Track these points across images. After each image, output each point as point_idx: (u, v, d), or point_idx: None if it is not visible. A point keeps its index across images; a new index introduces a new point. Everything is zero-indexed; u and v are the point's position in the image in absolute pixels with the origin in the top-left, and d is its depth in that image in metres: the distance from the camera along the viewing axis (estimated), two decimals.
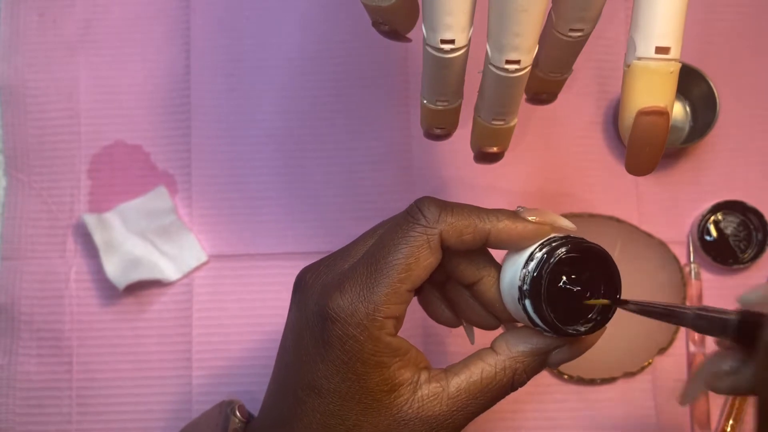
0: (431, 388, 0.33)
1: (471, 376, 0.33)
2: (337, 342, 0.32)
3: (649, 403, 0.51)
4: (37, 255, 0.53)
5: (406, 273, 0.32)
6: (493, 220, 0.33)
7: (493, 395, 0.33)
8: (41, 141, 0.55)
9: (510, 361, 0.33)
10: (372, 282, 0.32)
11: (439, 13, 0.31)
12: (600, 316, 0.32)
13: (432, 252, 0.33)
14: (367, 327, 0.32)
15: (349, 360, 0.32)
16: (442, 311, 0.38)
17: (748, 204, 0.52)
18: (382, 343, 0.32)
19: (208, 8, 0.56)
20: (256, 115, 0.55)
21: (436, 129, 0.39)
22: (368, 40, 0.55)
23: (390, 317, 0.32)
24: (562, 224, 0.34)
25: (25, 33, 0.56)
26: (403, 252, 0.32)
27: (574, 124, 0.55)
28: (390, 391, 0.33)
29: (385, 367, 0.32)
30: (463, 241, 0.33)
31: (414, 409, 0.33)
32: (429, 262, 0.33)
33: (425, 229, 0.33)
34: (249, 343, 0.52)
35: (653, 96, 0.31)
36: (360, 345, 0.32)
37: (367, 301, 0.32)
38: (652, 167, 0.33)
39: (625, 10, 0.56)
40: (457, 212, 0.33)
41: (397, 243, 0.33)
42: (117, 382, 0.52)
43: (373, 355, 0.32)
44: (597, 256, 0.32)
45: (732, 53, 0.55)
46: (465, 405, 0.33)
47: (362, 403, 0.33)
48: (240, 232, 0.53)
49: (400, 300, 0.32)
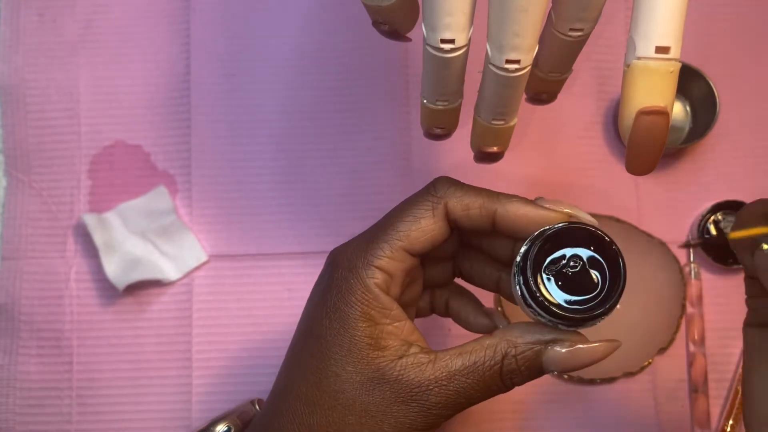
0: (419, 357, 0.33)
1: (461, 352, 0.33)
2: (333, 284, 0.34)
3: (649, 403, 0.51)
4: (37, 255, 0.53)
5: (404, 231, 0.34)
6: (504, 200, 0.34)
7: (479, 377, 0.32)
8: (41, 141, 0.55)
9: (502, 343, 0.33)
10: (374, 236, 0.34)
11: (439, 13, 0.31)
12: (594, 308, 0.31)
13: (434, 219, 0.34)
14: (357, 270, 0.33)
15: (338, 301, 0.33)
16: (474, 319, 0.39)
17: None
18: (370, 291, 0.33)
19: (208, 8, 0.56)
20: (256, 115, 0.55)
21: (436, 129, 0.39)
22: (368, 40, 0.55)
23: (381, 269, 0.33)
24: (579, 215, 0.33)
25: (25, 33, 0.56)
26: (406, 213, 0.34)
27: (574, 124, 0.55)
28: (374, 347, 0.33)
29: (372, 320, 0.33)
30: (470, 216, 0.34)
31: (396, 371, 0.33)
32: (430, 228, 0.34)
33: (432, 198, 0.34)
34: (249, 343, 0.52)
35: (653, 96, 0.31)
36: (350, 287, 0.33)
37: (364, 251, 0.34)
38: (652, 167, 0.33)
39: (625, 10, 0.56)
40: (467, 188, 0.34)
41: (404, 208, 0.34)
42: (117, 382, 0.52)
43: (360, 301, 0.33)
44: (598, 244, 0.32)
45: (732, 53, 0.55)
46: (448, 379, 0.32)
47: (343, 348, 0.33)
48: (240, 232, 0.53)
49: (394, 256, 0.33)
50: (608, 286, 0.32)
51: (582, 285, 0.32)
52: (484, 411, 0.51)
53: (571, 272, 0.32)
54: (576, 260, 0.32)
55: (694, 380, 0.51)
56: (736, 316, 0.52)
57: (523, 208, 0.33)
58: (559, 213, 0.33)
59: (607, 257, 0.32)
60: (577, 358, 0.32)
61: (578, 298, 0.31)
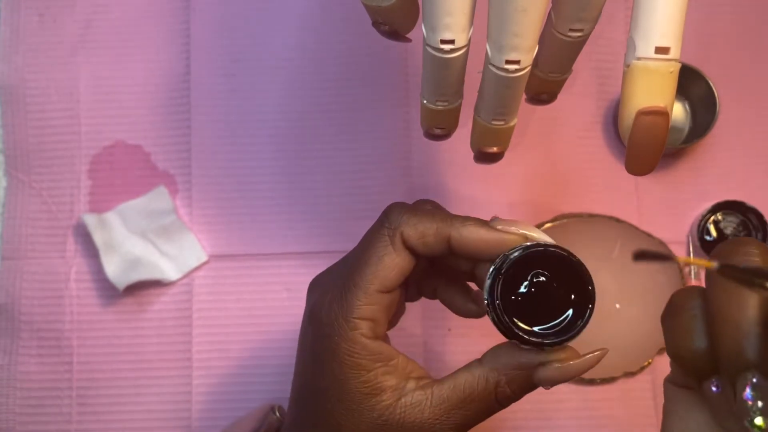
0: (416, 395, 0.33)
1: (455, 385, 0.33)
2: (318, 342, 0.34)
3: (649, 403, 0.51)
4: (37, 255, 0.53)
5: (373, 275, 0.33)
6: (457, 225, 0.33)
7: (476, 407, 0.33)
8: (41, 141, 0.55)
9: (492, 373, 0.33)
10: (345, 286, 0.34)
11: (439, 13, 0.31)
12: (568, 327, 0.31)
13: (397, 253, 0.33)
14: (340, 327, 0.33)
15: (327, 359, 0.33)
16: (463, 304, 0.39)
17: (748, 204, 0.52)
18: (357, 344, 0.33)
19: (208, 8, 0.56)
20: (256, 115, 0.55)
21: (436, 129, 0.39)
22: (368, 40, 0.55)
23: (363, 318, 0.33)
24: (534, 236, 0.33)
25: (25, 33, 0.56)
26: (370, 254, 0.34)
27: (574, 124, 0.55)
28: (371, 394, 0.33)
29: (365, 369, 0.33)
30: (426, 243, 0.33)
31: (396, 414, 0.33)
32: (395, 263, 0.33)
33: (387, 230, 0.34)
34: (249, 343, 0.52)
35: (653, 96, 0.31)
36: (336, 345, 0.33)
37: (339, 304, 0.33)
38: (652, 167, 0.33)
39: (625, 10, 0.56)
40: (421, 215, 0.34)
41: (366, 248, 0.34)
42: (117, 382, 0.52)
43: (348, 355, 0.33)
44: (562, 260, 0.31)
45: (732, 53, 0.55)
46: (447, 414, 0.33)
47: (343, 403, 0.33)
48: (240, 232, 0.53)
49: (371, 301, 0.33)
50: (580, 300, 0.31)
51: (554, 305, 0.31)
52: None
53: (540, 296, 0.31)
54: (543, 282, 0.31)
55: None
56: None
57: (477, 232, 0.33)
58: (514, 235, 0.33)
59: (573, 272, 0.31)
60: (568, 372, 0.32)
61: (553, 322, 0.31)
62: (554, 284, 0.31)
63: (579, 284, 0.31)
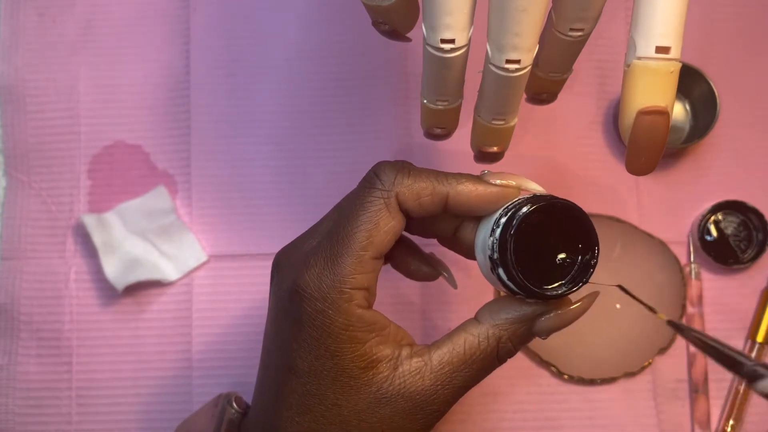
0: (413, 363, 0.32)
1: (454, 347, 0.32)
2: (308, 319, 0.32)
3: (649, 403, 0.51)
4: (37, 255, 0.53)
5: (367, 240, 0.32)
6: (453, 182, 0.32)
7: (478, 366, 0.32)
8: (41, 141, 0.55)
9: (494, 329, 0.32)
10: (335, 254, 0.32)
11: (439, 13, 0.31)
12: (579, 274, 0.31)
13: (392, 216, 0.32)
14: (335, 300, 0.31)
15: (321, 336, 0.32)
16: (418, 268, 0.38)
17: (748, 204, 0.52)
18: (353, 316, 0.31)
19: (208, 8, 0.56)
20: (256, 115, 0.55)
21: (436, 129, 0.39)
22: (368, 40, 0.55)
23: (358, 288, 0.32)
24: (528, 186, 0.33)
25: (25, 33, 0.56)
26: (362, 219, 0.32)
27: (574, 124, 0.55)
28: (367, 367, 0.32)
29: (360, 342, 0.32)
30: (422, 204, 0.32)
31: (395, 385, 0.32)
32: (390, 226, 0.32)
33: (381, 193, 0.32)
34: (249, 344, 0.52)
35: (653, 96, 0.31)
36: (330, 319, 0.31)
37: (332, 274, 0.31)
38: (653, 167, 0.33)
39: (625, 10, 0.56)
40: (414, 174, 0.32)
41: (355, 211, 0.32)
42: (117, 382, 0.52)
43: (344, 329, 0.31)
44: (566, 212, 0.31)
45: (732, 53, 0.55)
46: (450, 378, 0.32)
47: (339, 381, 0.32)
48: (240, 232, 0.53)
49: (365, 269, 0.32)
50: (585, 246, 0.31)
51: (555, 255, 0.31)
52: (483, 411, 0.51)
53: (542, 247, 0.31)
54: (548, 238, 0.31)
55: (694, 380, 0.51)
56: (736, 316, 0.52)
57: (475, 188, 0.32)
58: (510, 188, 0.32)
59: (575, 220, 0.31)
60: (566, 319, 0.32)
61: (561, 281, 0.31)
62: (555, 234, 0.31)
63: (581, 231, 0.31)
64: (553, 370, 0.51)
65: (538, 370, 0.52)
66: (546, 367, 0.51)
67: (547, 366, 0.51)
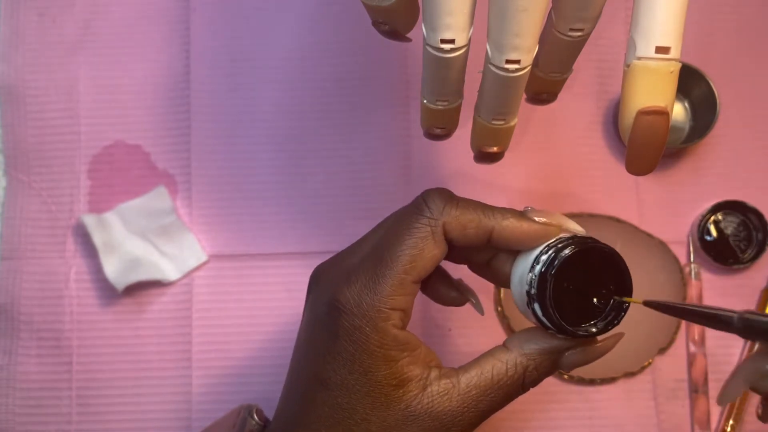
0: (441, 384, 0.33)
1: (482, 372, 0.33)
2: (344, 333, 0.33)
3: (649, 403, 0.51)
4: (37, 255, 0.53)
5: (410, 264, 0.32)
6: (498, 217, 0.33)
7: (504, 392, 0.33)
8: (41, 141, 0.55)
9: (522, 358, 0.33)
10: (378, 274, 0.33)
11: (439, 13, 0.31)
12: (612, 317, 0.32)
13: (436, 244, 0.33)
14: (372, 318, 0.32)
15: (356, 351, 0.32)
16: (447, 293, 0.38)
17: (748, 204, 0.52)
18: (389, 335, 0.32)
19: (208, 8, 0.56)
20: (256, 115, 0.55)
21: (436, 129, 0.39)
22: (368, 40, 0.55)
23: (396, 309, 0.32)
24: (569, 226, 0.34)
25: (25, 33, 0.56)
26: (408, 244, 0.33)
27: (574, 124, 0.55)
28: (398, 386, 0.33)
29: (393, 360, 0.32)
30: (467, 235, 0.33)
31: (423, 404, 0.33)
32: (433, 254, 0.33)
33: (429, 221, 0.33)
34: (249, 343, 0.52)
35: (653, 96, 0.31)
36: (366, 336, 0.32)
37: (373, 293, 0.32)
38: (652, 167, 0.33)
39: (625, 10, 0.56)
40: (462, 206, 0.33)
41: (401, 235, 0.33)
42: (117, 382, 0.52)
43: (379, 347, 0.32)
44: (604, 255, 0.32)
45: (732, 53, 0.55)
46: (476, 402, 0.33)
47: (370, 397, 0.33)
48: (240, 232, 0.53)
49: (405, 292, 0.33)
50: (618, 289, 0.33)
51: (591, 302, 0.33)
52: None
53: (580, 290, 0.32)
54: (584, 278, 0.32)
55: (694, 380, 0.51)
56: None
57: (520, 225, 0.33)
58: (552, 227, 0.33)
59: (613, 269, 0.33)
60: (590, 356, 0.34)
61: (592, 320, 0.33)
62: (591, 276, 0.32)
63: (617, 275, 0.33)
64: None
65: None
66: None
67: None
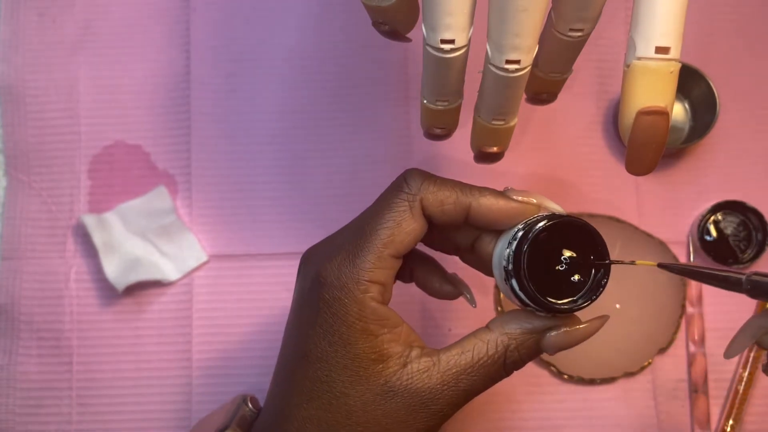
0: (422, 362, 0.33)
1: (463, 351, 0.33)
2: (325, 305, 0.33)
3: (649, 403, 0.51)
4: (37, 255, 0.53)
5: (389, 239, 0.33)
6: (476, 194, 0.34)
7: (484, 372, 0.33)
8: (41, 141, 0.55)
9: (503, 338, 0.33)
10: (358, 248, 0.34)
11: (439, 13, 0.31)
12: (590, 292, 0.32)
13: (414, 218, 0.34)
14: (351, 290, 0.33)
15: (335, 323, 0.33)
16: (440, 286, 0.39)
17: (748, 204, 0.52)
18: (367, 307, 0.33)
19: (208, 8, 0.56)
20: (256, 115, 0.55)
21: (436, 129, 0.39)
22: (368, 40, 0.55)
23: (374, 282, 0.33)
24: (548, 205, 0.34)
25: (25, 33, 0.56)
26: (386, 218, 0.34)
27: (574, 124, 0.55)
28: (377, 360, 0.33)
29: (372, 335, 0.33)
30: (444, 211, 0.34)
31: (403, 380, 0.33)
32: (412, 228, 0.34)
33: (407, 196, 0.34)
34: (249, 343, 0.52)
35: (653, 96, 0.31)
36: (345, 307, 0.33)
37: (352, 265, 0.33)
38: (652, 167, 0.33)
39: (625, 10, 0.56)
40: (440, 183, 0.34)
41: (381, 211, 0.34)
42: (117, 382, 0.52)
43: (358, 319, 0.33)
44: (579, 229, 0.32)
45: (732, 53, 0.55)
46: (456, 380, 0.33)
47: (349, 370, 0.33)
48: (240, 232, 0.53)
49: (384, 265, 0.33)
50: (595, 272, 0.33)
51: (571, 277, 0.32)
52: (484, 411, 0.51)
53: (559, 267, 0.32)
54: (562, 254, 0.32)
55: (694, 380, 0.51)
56: (736, 316, 0.52)
57: (497, 202, 0.34)
58: (531, 205, 0.34)
59: (588, 239, 0.33)
60: (573, 337, 0.33)
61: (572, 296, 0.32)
62: (567, 251, 0.32)
63: (594, 251, 0.32)
64: (552, 370, 0.51)
65: (537, 370, 0.52)
66: (546, 366, 0.51)
67: (547, 366, 0.51)
